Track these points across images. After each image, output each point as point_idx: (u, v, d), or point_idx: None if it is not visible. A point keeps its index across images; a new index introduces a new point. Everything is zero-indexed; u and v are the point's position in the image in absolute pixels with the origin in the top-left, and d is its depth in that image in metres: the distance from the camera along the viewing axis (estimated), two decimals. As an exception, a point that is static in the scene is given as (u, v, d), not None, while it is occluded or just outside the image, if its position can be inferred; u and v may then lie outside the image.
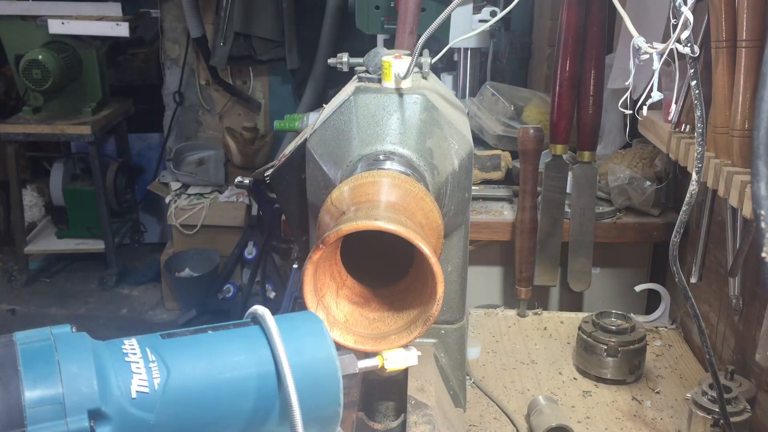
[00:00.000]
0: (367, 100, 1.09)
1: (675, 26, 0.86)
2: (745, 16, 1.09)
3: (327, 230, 0.83)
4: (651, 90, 0.94)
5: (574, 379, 1.52)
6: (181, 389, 0.56)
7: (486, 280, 1.95)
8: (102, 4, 3.97)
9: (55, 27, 3.84)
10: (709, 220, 1.37)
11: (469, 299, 1.27)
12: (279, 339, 0.59)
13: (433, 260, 0.78)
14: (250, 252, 3.86)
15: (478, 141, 2.18)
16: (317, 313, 0.82)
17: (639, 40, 0.90)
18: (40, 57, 3.74)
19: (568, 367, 1.56)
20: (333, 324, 0.84)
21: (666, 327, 1.73)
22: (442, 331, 1.21)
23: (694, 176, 0.97)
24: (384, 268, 0.93)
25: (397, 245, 0.81)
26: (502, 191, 2.03)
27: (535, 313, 1.80)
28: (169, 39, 4.22)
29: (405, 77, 1.08)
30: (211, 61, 4.02)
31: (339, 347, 0.75)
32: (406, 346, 0.80)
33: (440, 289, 0.79)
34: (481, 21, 2.29)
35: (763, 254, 0.60)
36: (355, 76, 1.16)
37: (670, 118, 1.39)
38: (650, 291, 1.78)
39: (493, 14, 2.30)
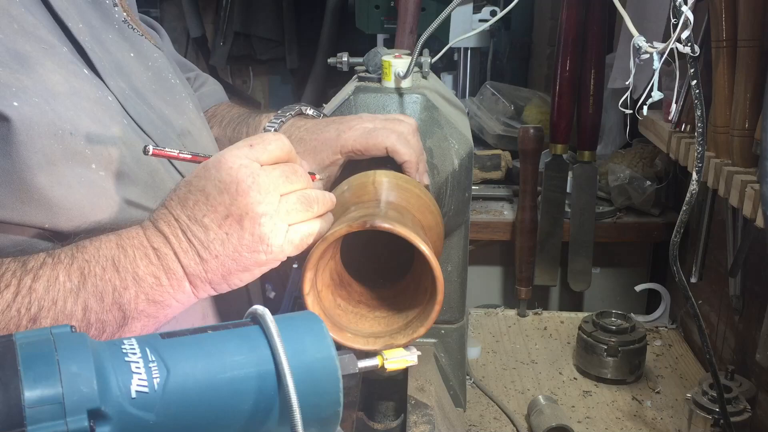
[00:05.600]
0: (367, 99, 1.09)
1: (675, 26, 0.86)
2: (745, 15, 1.09)
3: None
4: (651, 90, 0.93)
5: (574, 379, 1.52)
6: (180, 389, 0.56)
7: (486, 280, 1.95)
8: (102, 3, 3.97)
9: (55, 27, 3.84)
10: (709, 220, 1.37)
11: (469, 299, 1.28)
12: (279, 339, 0.59)
13: (429, 254, 0.78)
14: (250, 252, 3.86)
15: (478, 141, 2.18)
16: (318, 315, 0.82)
17: (639, 40, 0.90)
18: (39, 57, 3.74)
19: (568, 367, 1.56)
20: (340, 330, 0.84)
21: (666, 327, 1.73)
22: (442, 331, 1.21)
23: (694, 176, 0.97)
24: (385, 267, 0.93)
25: (397, 243, 0.81)
26: (502, 191, 2.03)
27: (535, 313, 1.80)
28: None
29: (405, 77, 1.08)
30: (210, 60, 4.02)
31: (339, 347, 0.75)
32: (406, 346, 0.80)
33: (440, 282, 0.79)
34: (481, 20, 2.29)
35: None
36: (355, 76, 1.16)
37: (670, 118, 1.39)
38: (650, 291, 1.78)
39: (493, 14, 2.30)
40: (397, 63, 1.08)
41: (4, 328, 0.67)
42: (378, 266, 0.93)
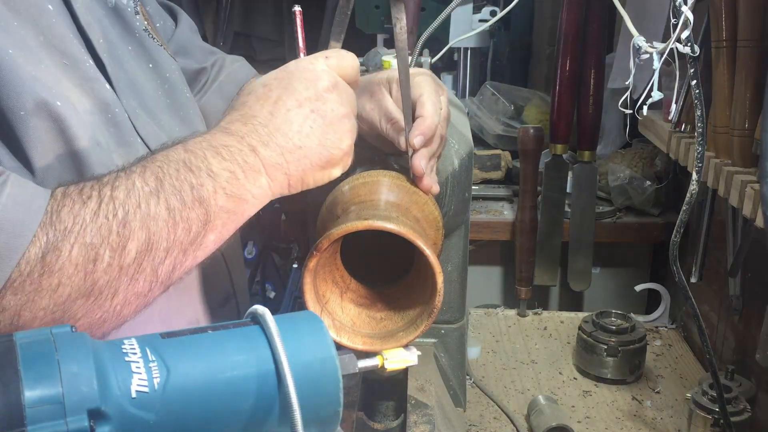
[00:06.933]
0: (367, 99, 1.09)
1: (675, 26, 0.86)
2: (745, 15, 1.09)
3: (319, 236, 0.83)
4: (651, 89, 0.94)
5: (574, 378, 1.52)
6: (180, 389, 0.56)
7: (486, 280, 1.95)
8: (102, 3, 3.97)
9: (55, 27, 3.84)
10: (709, 220, 1.37)
11: (469, 299, 1.27)
12: (279, 339, 0.59)
13: (428, 251, 0.78)
14: (250, 252, 3.86)
15: (478, 140, 2.18)
16: (318, 315, 0.82)
17: (639, 40, 0.90)
18: (39, 57, 3.74)
19: (568, 367, 1.56)
20: (340, 329, 0.84)
21: (666, 327, 1.74)
22: (442, 331, 1.21)
23: (694, 176, 0.97)
24: (388, 266, 0.93)
25: (397, 242, 0.81)
26: (502, 191, 2.03)
27: (535, 313, 1.80)
28: (168, 39, 4.22)
29: (405, 77, 1.07)
30: (210, 60, 4.02)
31: (339, 347, 0.75)
32: (406, 346, 0.80)
33: (439, 279, 0.79)
34: (481, 21, 2.29)
35: None
36: (355, 76, 1.16)
37: (670, 118, 1.39)
38: (650, 291, 1.78)
39: (493, 14, 2.30)
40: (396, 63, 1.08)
41: (97, 235, 0.67)
42: (378, 266, 0.93)
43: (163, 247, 0.71)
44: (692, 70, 0.92)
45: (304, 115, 0.79)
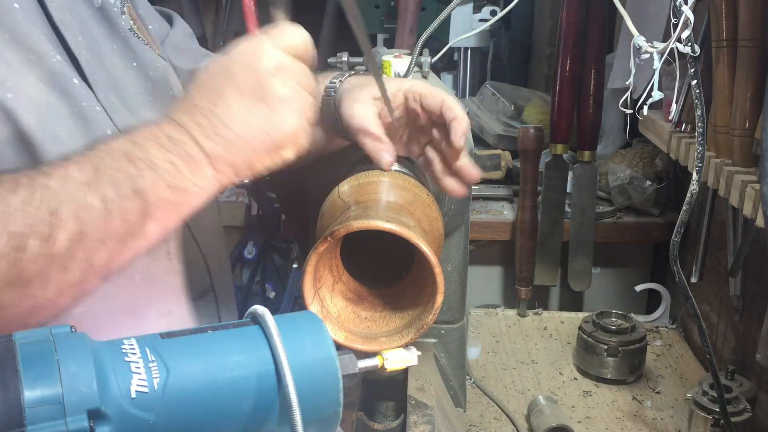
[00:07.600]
0: (367, 99, 1.09)
1: (675, 25, 0.86)
2: (745, 15, 1.09)
3: (333, 223, 0.82)
4: (651, 89, 0.94)
5: (575, 379, 1.52)
6: (180, 389, 0.56)
7: (486, 280, 1.95)
8: (102, 3, 3.96)
9: (55, 27, 3.83)
10: (709, 220, 1.37)
11: (469, 299, 1.27)
12: (279, 339, 0.59)
13: (432, 259, 0.78)
14: (249, 252, 3.85)
15: (479, 140, 2.18)
16: (313, 304, 0.82)
17: (639, 40, 0.90)
18: (39, 57, 3.74)
19: (569, 367, 1.56)
20: (326, 317, 0.84)
21: (666, 327, 1.73)
22: (442, 331, 1.21)
23: (694, 176, 0.97)
24: (380, 268, 0.93)
25: (394, 246, 0.81)
26: (502, 191, 2.03)
27: (535, 313, 1.80)
28: (168, 39, 4.22)
29: (405, 76, 1.08)
30: (210, 60, 4.01)
31: (339, 347, 0.75)
32: (406, 346, 0.80)
33: (439, 299, 0.79)
34: (481, 20, 2.29)
35: None
36: (356, 76, 1.16)
37: (670, 118, 1.39)
38: (650, 291, 1.78)
39: (493, 13, 2.30)
40: (397, 63, 1.08)
41: (25, 223, 0.66)
42: (378, 266, 0.92)
43: (97, 237, 0.70)
44: (692, 70, 0.92)
45: (243, 102, 0.76)
